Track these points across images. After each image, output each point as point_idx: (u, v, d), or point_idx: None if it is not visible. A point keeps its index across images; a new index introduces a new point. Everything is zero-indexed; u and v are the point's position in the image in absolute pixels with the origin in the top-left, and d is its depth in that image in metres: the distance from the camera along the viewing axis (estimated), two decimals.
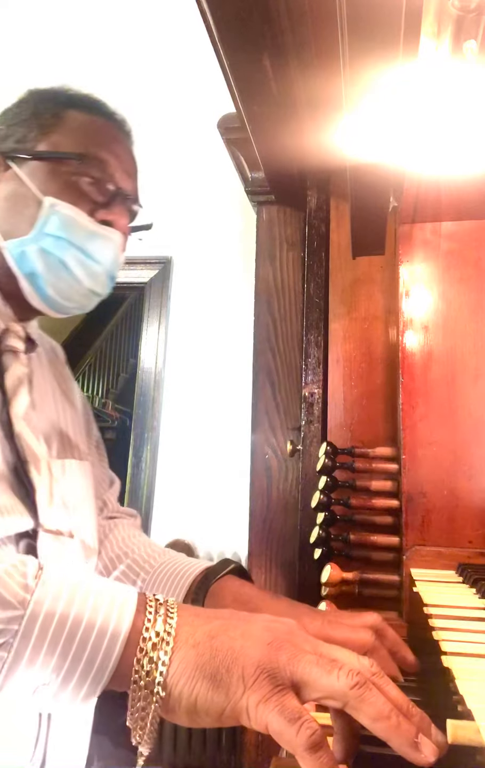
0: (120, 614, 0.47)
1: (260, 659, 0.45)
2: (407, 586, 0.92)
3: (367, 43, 0.59)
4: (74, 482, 0.84)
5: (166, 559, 0.88)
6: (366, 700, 0.45)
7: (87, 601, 0.47)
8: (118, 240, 0.85)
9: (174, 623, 0.47)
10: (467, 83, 0.70)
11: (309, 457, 1.19)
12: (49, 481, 0.78)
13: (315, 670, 0.45)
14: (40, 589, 0.47)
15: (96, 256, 0.83)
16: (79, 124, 0.85)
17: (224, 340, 2.69)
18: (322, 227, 1.28)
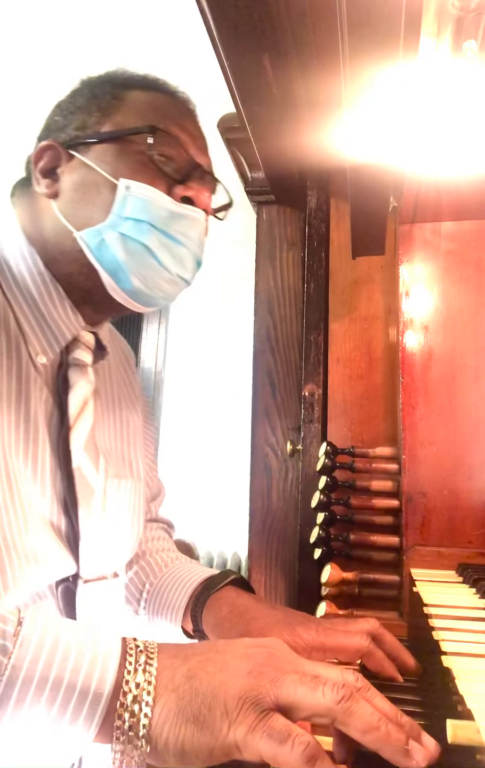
0: (102, 673, 0.46)
1: (241, 690, 0.45)
2: (407, 586, 0.92)
3: (367, 42, 0.59)
4: (126, 502, 0.81)
5: (173, 567, 0.88)
6: (353, 713, 0.45)
7: (67, 660, 0.46)
8: (202, 218, 0.79)
9: (153, 671, 0.46)
10: (467, 83, 0.70)
11: (309, 457, 1.19)
12: (101, 516, 0.74)
13: (300, 690, 0.45)
14: (17, 652, 0.46)
15: (180, 238, 0.76)
16: (143, 102, 0.79)
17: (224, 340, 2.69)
18: (322, 227, 1.28)
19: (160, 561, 0.90)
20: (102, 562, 0.74)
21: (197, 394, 2.71)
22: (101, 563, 0.73)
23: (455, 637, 0.61)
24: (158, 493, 1.02)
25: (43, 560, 0.65)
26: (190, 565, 0.88)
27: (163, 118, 0.77)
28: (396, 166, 0.82)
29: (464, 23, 0.63)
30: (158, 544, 0.95)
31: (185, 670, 0.47)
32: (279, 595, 1.25)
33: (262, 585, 1.26)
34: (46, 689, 0.45)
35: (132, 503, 0.82)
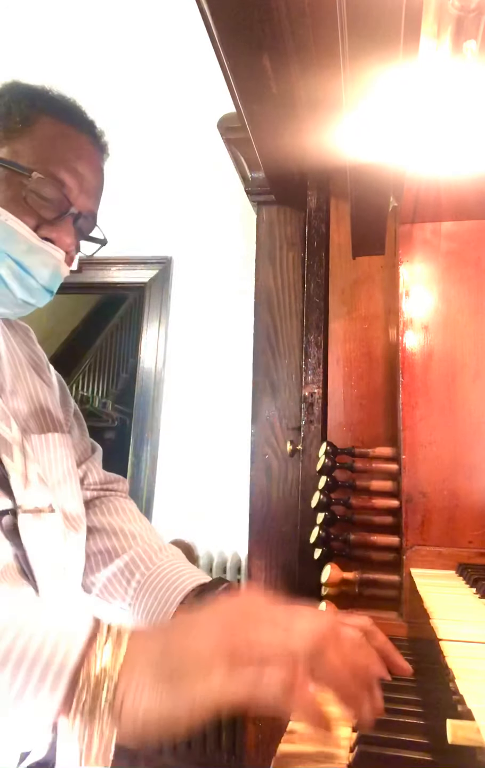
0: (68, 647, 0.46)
1: (215, 643, 0.46)
2: (407, 586, 0.92)
3: (367, 43, 0.59)
4: (57, 454, 0.86)
5: (162, 563, 0.88)
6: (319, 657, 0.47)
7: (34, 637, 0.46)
8: (60, 257, 0.83)
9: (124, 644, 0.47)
10: (467, 83, 0.70)
11: (309, 457, 1.19)
12: (22, 462, 0.79)
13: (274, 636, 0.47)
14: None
15: (33, 271, 0.81)
16: (47, 135, 0.82)
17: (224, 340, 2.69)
18: (322, 227, 1.28)
19: (145, 553, 0.90)
20: (34, 498, 0.78)
21: (197, 394, 2.71)
22: (34, 499, 0.78)
23: (455, 637, 0.61)
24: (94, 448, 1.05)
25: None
26: (180, 563, 0.88)
27: (58, 159, 0.81)
28: (396, 166, 0.82)
29: (464, 23, 0.64)
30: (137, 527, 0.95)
31: (162, 640, 0.48)
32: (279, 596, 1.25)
33: (262, 585, 1.26)
34: (10, 661, 0.45)
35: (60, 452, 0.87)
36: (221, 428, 2.64)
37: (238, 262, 2.70)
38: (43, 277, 0.82)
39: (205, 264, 2.79)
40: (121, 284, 2.90)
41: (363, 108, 0.69)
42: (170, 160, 2.75)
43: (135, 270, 2.84)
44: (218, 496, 2.59)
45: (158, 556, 0.90)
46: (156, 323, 2.82)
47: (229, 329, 2.68)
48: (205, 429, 2.69)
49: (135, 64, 2.75)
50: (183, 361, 2.77)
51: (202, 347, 2.74)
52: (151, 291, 2.82)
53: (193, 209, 2.77)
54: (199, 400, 2.71)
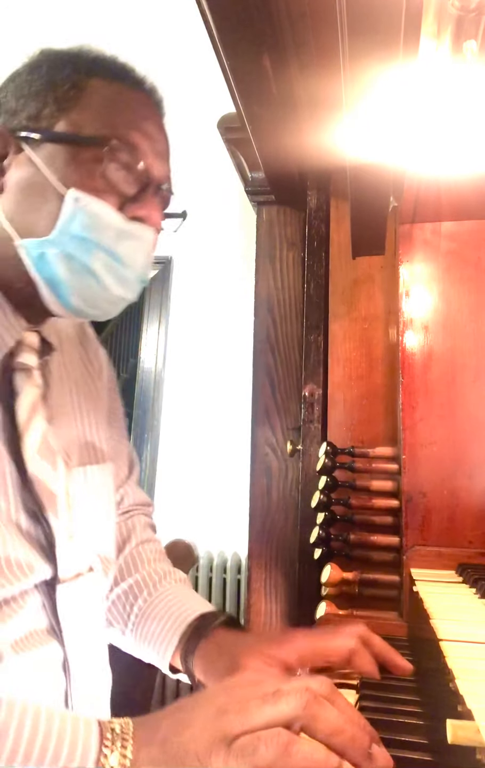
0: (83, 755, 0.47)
1: (210, 734, 0.46)
2: (407, 586, 0.92)
3: (367, 43, 0.59)
4: (95, 490, 0.79)
5: (163, 591, 0.85)
6: (318, 717, 0.46)
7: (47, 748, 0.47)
8: (151, 238, 0.74)
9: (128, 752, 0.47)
10: (467, 83, 0.70)
11: (309, 457, 1.19)
12: (67, 515, 0.72)
13: (265, 710, 0.46)
14: None
15: (127, 260, 0.71)
16: (104, 98, 0.72)
17: (224, 340, 2.69)
18: (322, 227, 1.28)
19: (149, 578, 0.87)
20: (77, 561, 0.73)
21: (197, 394, 2.71)
22: (76, 562, 0.72)
23: (455, 637, 0.61)
24: (132, 467, 0.99)
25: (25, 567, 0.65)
26: (180, 596, 0.84)
27: (123, 121, 0.71)
28: (396, 166, 0.82)
29: (464, 23, 0.63)
30: (148, 550, 0.92)
31: (159, 740, 0.48)
32: (279, 595, 1.25)
33: (262, 585, 1.27)
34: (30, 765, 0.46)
35: (102, 490, 0.80)
36: (221, 428, 2.64)
37: (238, 262, 2.70)
38: (138, 265, 0.72)
39: (205, 264, 2.79)
40: None
41: (363, 108, 0.69)
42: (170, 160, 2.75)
43: None
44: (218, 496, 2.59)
45: (161, 583, 0.87)
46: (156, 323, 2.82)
47: (228, 329, 2.68)
48: (205, 429, 2.68)
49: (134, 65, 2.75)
50: (183, 361, 2.77)
51: (202, 347, 2.74)
52: (151, 291, 2.82)
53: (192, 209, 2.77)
54: (198, 400, 2.71)
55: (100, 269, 0.70)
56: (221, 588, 2.62)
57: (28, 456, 0.69)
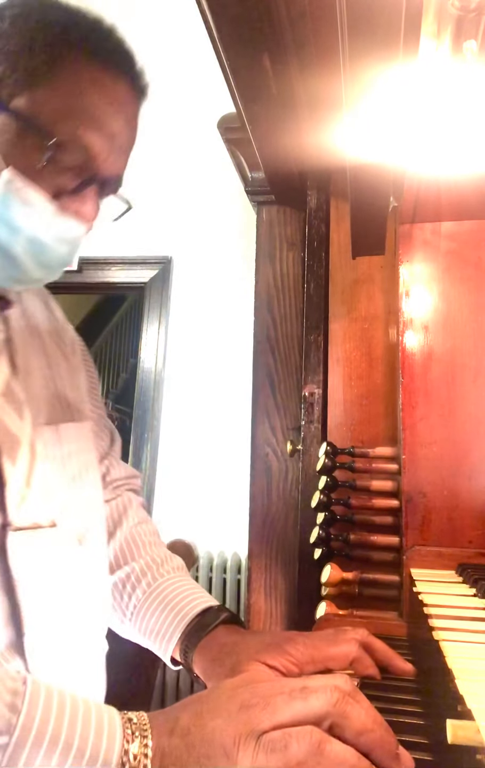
0: (109, 743, 0.46)
1: (235, 729, 0.45)
2: (407, 586, 0.92)
3: (367, 43, 0.59)
4: (72, 448, 0.77)
5: (163, 581, 0.84)
6: (349, 715, 0.46)
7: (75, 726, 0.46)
8: (80, 232, 0.72)
9: (149, 741, 0.46)
10: (467, 83, 0.70)
11: (309, 457, 1.19)
12: (28, 464, 0.70)
13: (293, 705, 0.46)
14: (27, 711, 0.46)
15: (50, 249, 0.70)
16: (75, 84, 0.68)
17: (224, 340, 2.69)
18: (322, 227, 1.28)
19: (149, 566, 0.86)
20: (33, 511, 0.70)
21: (197, 394, 2.71)
22: (32, 511, 0.70)
23: (455, 637, 0.61)
24: (114, 439, 0.98)
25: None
26: (182, 587, 0.83)
27: (86, 116, 0.68)
28: (396, 166, 0.82)
29: (464, 23, 0.63)
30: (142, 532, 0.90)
31: (179, 731, 0.47)
32: (279, 595, 1.25)
33: (262, 585, 1.27)
34: (57, 750, 0.45)
35: (78, 448, 0.78)
36: (221, 428, 2.64)
37: (238, 262, 2.70)
38: (61, 254, 0.72)
39: (205, 264, 2.79)
40: (121, 284, 2.90)
41: (363, 108, 0.69)
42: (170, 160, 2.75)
43: (135, 270, 2.84)
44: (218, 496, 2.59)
45: (160, 571, 0.85)
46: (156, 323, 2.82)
47: (228, 329, 2.68)
48: (205, 429, 2.69)
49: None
50: (183, 361, 2.77)
51: (202, 347, 2.74)
52: (151, 291, 2.82)
53: (192, 209, 2.77)
54: (198, 400, 2.71)
55: (20, 254, 0.69)
56: (221, 588, 2.62)
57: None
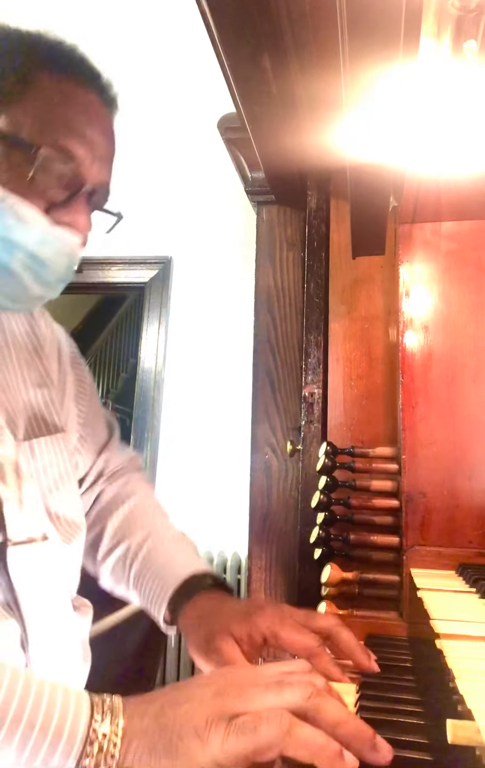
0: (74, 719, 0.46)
1: (207, 712, 0.46)
2: (407, 586, 0.92)
3: (367, 43, 0.59)
4: (46, 462, 0.79)
5: (156, 551, 0.88)
6: (322, 708, 0.46)
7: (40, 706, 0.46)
8: (76, 243, 0.73)
9: (120, 720, 0.46)
10: (467, 83, 0.70)
11: (309, 457, 1.19)
12: (16, 484, 0.73)
13: (268, 696, 0.46)
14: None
15: (48, 263, 0.71)
16: (49, 98, 0.70)
17: (224, 340, 2.69)
18: (322, 227, 1.28)
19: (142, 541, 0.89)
20: (28, 526, 0.73)
21: (197, 394, 2.71)
22: (27, 527, 0.73)
23: (455, 637, 0.61)
24: (112, 430, 1.01)
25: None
26: (170, 553, 0.87)
27: (64, 126, 0.70)
28: (396, 166, 0.82)
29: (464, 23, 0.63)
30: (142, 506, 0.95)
31: (152, 711, 0.47)
32: (279, 595, 1.25)
33: (262, 585, 1.27)
34: (19, 731, 0.45)
35: (55, 460, 0.80)
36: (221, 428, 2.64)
37: (238, 262, 2.70)
38: (59, 268, 0.73)
39: (205, 264, 2.79)
40: (121, 284, 2.90)
41: (363, 108, 0.69)
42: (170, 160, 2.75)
43: (135, 270, 2.84)
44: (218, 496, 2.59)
45: (154, 541, 0.89)
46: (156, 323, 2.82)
47: (229, 329, 2.68)
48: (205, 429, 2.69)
49: (134, 65, 2.74)
50: (183, 361, 2.77)
51: (202, 347, 2.74)
52: (151, 291, 2.82)
53: (192, 209, 2.77)
54: (198, 400, 2.71)
55: (18, 269, 0.70)
56: None
57: None
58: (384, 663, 0.70)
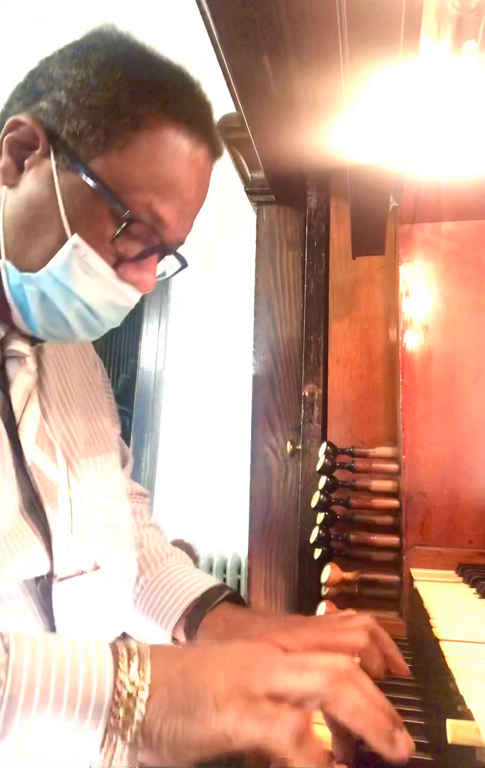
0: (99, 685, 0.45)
1: (231, 682, 0.46)
2: (407, 586, 0.92)
3: (367, 43, 0.59)
4: (103, 480, 0.77)
5: (169, 566, 0.86)
6: (341, 695, 0.45)
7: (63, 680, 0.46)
8: (136, 299, 0.70)
9: (147, 669, 0.46)
10: (467, 83, 0.70)
11: (309, 457, 1.19)
12: (68, 510, 0.70)
13: (289, 676, 0.46)
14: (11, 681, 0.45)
15: (102, 315, 0.69)
16: (159, 150, 0.64)
17: (224, 340, 2.69)
18: (322, 227, 1.28)
19: (155, 554, 0.88)
20: (78, 558, 0.70)
21: (197, 394, 2.71)
22: (77, 558, 0.70)
23: (455, 637, 0.61)
24: (126, 460, 0.98)
25: (16, 555, 0.63)
26: (187, 571, 0.86)
27: (163, 188, 0.65)
28: (396, 166, 0.82)
29: (464, 23, 0.64)
30: (149, 528, 0.93)
31: (179, 666, 0.47)
32: (279, 595, 1.25)
33: (262, 585, 1.27)
34: (47, 711, 0.45)
35: (111, 479, 0.79)
36: (221, 428, 2.64)
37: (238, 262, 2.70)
38: (111, 320, 0.70)
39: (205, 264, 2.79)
40: None
41: (363, 108, 0.69)
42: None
43: None
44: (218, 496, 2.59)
45: (165, 561, 0.88)
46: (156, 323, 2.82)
47: (228, 329, 2.68)
48: (205, 429, 2.68)
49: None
50: (183, 361, 2.77)
51: (201, 347, 2.74)
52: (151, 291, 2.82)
53: None
54: (198, 400, 2.71)
55: (72, 318, 0.68)
56: None
57: (26, 444, 0.68)
58: None
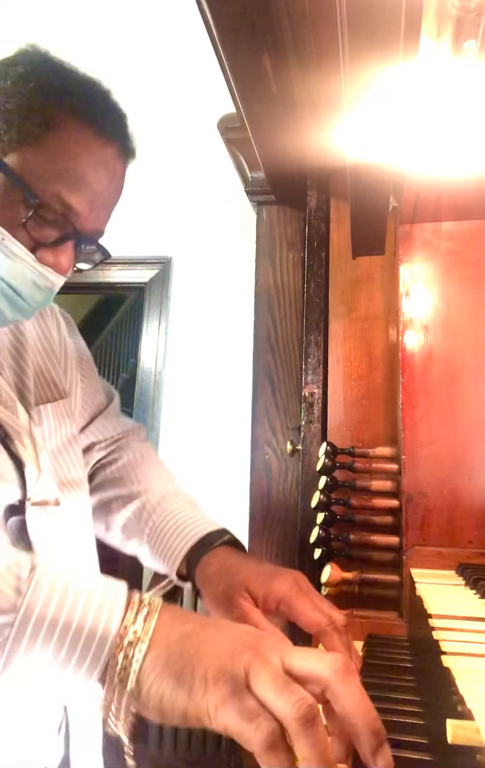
0: (108, 619, 0.49)
1: (225, 663, 0.46)
2: (407, 586, 0.92)
3: (367, 43, 0.59)
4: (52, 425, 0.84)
5: (173, 509, 0.90)
6: (302, 735, 0.43)
7: (77, 604, 0.49)
8: (57, 282, 0.76)
9: (152, 623, 0.49)
10: (467, 83, 0.70)
11: (309, 457, 1.19)
12: (33, 450, 0.78)
13: (269, 689, 0.45)
14: (31, 594, 0.49)
15: (26, 296, 0.74)
16: (67, 147, 0.70)
17: (224, 340, 2.69)
18: (322, 227, 1.28)
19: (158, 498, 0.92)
20: (44, 489, 0.77)
21: (197, 394, 2.71)
22: (44, 489, 0.77)
23: (455, 638, 0.61)
24: (111, 397, 1.03)
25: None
26: (188, 511, 0.90)
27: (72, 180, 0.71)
28: (396, 166, 0.82)
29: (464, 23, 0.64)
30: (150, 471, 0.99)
31: (181, 631, 0.49)
32: None
33: None
34: (57, 629, 0.48)
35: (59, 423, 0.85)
36: (221, 428, 2.63)
37: (238, 262, 2.70)
38: (35, 300, 0.76)
39: (205, 264, 2.79)
40: (120, 284, 2.90)
41: (363, 108, 0.69)
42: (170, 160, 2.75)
43: (135, 270, 2.83)
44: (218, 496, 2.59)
45: (166, 503, 0.92)
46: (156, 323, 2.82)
47: (229, 329, 2.68)
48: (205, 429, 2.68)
49: (134, 65, 2.74)
50: (183, 361, 2.77)
51: (202, 347, 2.74)
52: (151, 291, 2.82)
53: (192, 209, 2.77)
54: (198, 400, 2.71)
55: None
56: None
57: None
58: (384, 663, 0.70)
